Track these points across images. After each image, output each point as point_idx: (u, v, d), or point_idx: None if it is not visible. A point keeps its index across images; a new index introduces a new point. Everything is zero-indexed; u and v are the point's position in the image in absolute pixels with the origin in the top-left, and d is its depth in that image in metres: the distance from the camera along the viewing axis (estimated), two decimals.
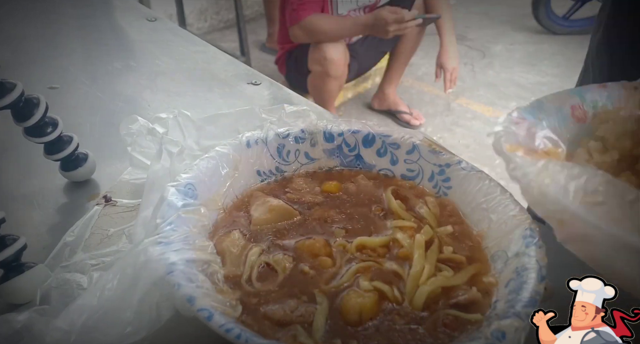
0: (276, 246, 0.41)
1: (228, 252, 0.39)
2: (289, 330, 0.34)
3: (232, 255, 0.39)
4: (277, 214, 0.43)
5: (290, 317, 0.35)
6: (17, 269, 0.41)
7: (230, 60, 0.86)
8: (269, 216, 0.43)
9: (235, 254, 0.39)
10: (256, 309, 0.35)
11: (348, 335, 0.34)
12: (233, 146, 0.46)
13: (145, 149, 0.53)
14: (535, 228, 0.38)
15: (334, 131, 0.49)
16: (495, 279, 0.38)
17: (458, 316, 0.35)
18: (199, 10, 3.08)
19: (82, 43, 0.91)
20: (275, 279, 0.38)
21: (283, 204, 0.44)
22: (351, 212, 0.45)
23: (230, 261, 0.39)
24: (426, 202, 0.45)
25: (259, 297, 0.36)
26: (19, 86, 0.47)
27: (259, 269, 0.39)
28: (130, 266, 0.34)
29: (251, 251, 0.40)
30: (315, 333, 0.34)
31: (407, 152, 0.48)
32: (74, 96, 0.73)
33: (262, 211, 0.43)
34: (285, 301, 0.36)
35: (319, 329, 0.34)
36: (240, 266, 0.39)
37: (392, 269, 0.39)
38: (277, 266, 0.39)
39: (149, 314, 0.34)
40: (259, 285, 0.38)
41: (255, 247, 0.40)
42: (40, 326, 0.34)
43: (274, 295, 0.37)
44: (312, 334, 0.34)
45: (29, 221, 0.51)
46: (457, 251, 0.41)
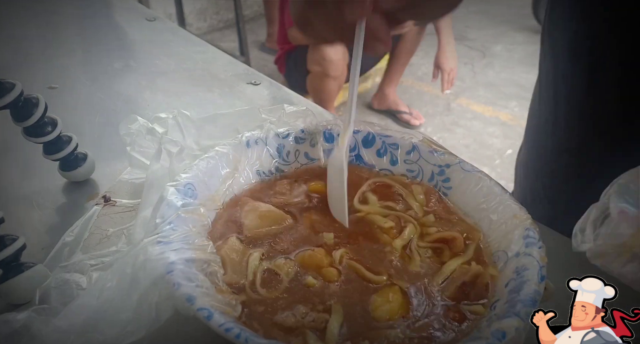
0: (275, 251, 0.40)
1: (228, 259, 0.39)
2: (299, 335, 0.33)
3: (232, 262, 0.39)
4: (269, 219, 0.42)
5: (301, 323, 0.34)
6: (16, 269, 0.41)
7: (230, 60, 0.86)
8: (260, 222, 0.42)
9: (236, 260, 0.39)
10: (264, 317, 0.35)
11: (359, 337, 0.34)
12: (233, 146, 0.45)
13: (145, 149, 0.53)
14: (536, 228, 0.38)
15: (334, 131, 0.49)
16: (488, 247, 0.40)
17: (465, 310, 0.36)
18: (199, 10, 3.08)
19: (82, 43, 0.91)
20: (279, 284, 0.37)
21: (273, 209, 0.43)
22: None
23: (231, 268, 0.38)
24: (412, 192, 0.45)
25: (265, 305, 0.36)
26: (18, 85, 0.47)
27: (262, 276, 0.38)
28: (130, 265, 0.34)
29: (252, 257, 0.39)
30: (329, 340, 0.33)
31: (407, 152, 0.48)
32: (73, 95, 0.73)
33: (252, 217, 0.42)
34: (294, 307, 0.35)
35: (333, 335, 0.33)
36: (241, 272, 0.38)
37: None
38: (280, 271, 0.38)
39: (149, 313, 0.34)
40: (264, 291, 0.37)
41: (255, 253, 0.39)
42: (40, 326, 0.33)
43: (281, 302, 0.36)
44: (325, 341, 0.33)
45: (28, 221, 0.51)
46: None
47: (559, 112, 0.63)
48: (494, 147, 2.16)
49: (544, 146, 0.67)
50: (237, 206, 0.43)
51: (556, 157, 0.65)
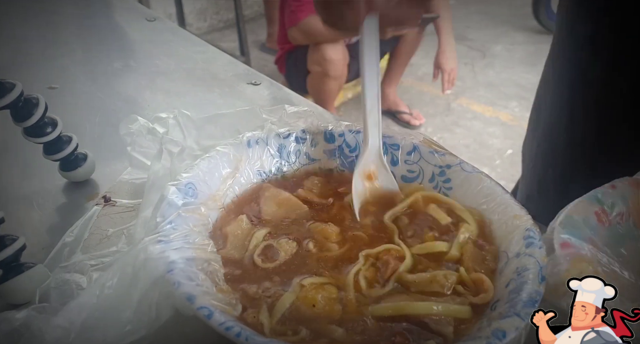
0: (282, 233, 0.42)
1: (231, 235, 0.41)
2: (256, 307, 0.35)
3: (235, 238, 0.41)
4: (286, 206, 0.44)
5: (259, 296, 0.36)
6: (16, 270, 0.41)
7: (230, 60, 0.86)
8: (277, 208, 0.44)
9: (239, 237, 0.41)
10: (236, 280, 0.38)
11: (305, 323, 0.35)
12: (234, 146, 0.46)
13: (145, 149, 0.53)
14: (536, 229, 0.38)
15: (334, 132, 0.49)
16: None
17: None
18: (199, 10, 3.08)
19: (82, 43, 0.90)
20: (274, 259, 0.40)
21: (292, 197, 0.45)
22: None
23: (231, 243, 0.40)
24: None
25: (242, 269, 0.39)
26: (19, 85, 0.47)
27: (262, 249, 0.40)
28: (130, 264, 0.34)
29: (258, 233, 0.41)
30: (274, 314, 0.35)
31: (408, 153, 0.48)
32: (73, 96, 0.73)
33: (271, 203, 0.44)
34: (262, 282, 0.38)
35: (279, 311, 0.35)
36: (241, 248, 0.40)
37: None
38: (280, 248, 0.40)
39: (149, 312, 0.34)
40: (259, 261, 0.39)
41: (262, 230, 0.42)
42: (40, 324, 0.33)
43: (259, 274, 0.38)
44: (271, 315, 0.35)
45: (28, 221, 0.51)
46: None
47: (576, 105, 0.63)
48: (494, 148, 2.16)
49: (557, 138, 0.66)
50: (259, 191, 0.46)
51: (571, 149, 0.64)
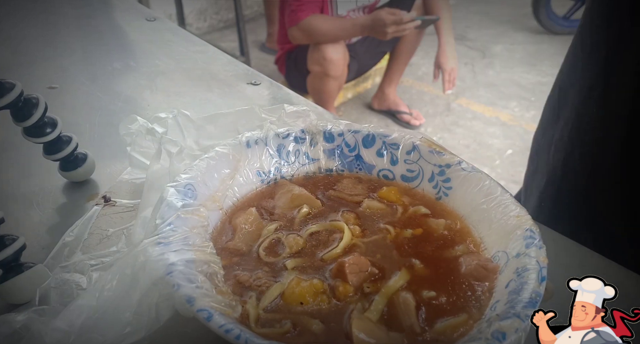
0: (291, 229, 0.43)
1: (239, 228, 0.42)
2: (246, 296, 0.36)
3: (243, 231, 0.42)
4: (300, 202, 0.45)
5: (250, 283, 0.37)
6: (16, 270, 0.41)
7: (230, 60, 0.86)
8: (290, 203, 0.45)
9: (248, 230, 0.42)
10: (231, 267, 0.39)
11: (293, 315, 0.35)
12: (233, 146, 0.45)
13: (145, 149, 0.53)
14: (536, 229, 0.38)
15: (334, 131, 0.49)
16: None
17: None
18: (199, 10, 3.08)
19: (82, 43, 0.90)
20: (279, 254, 0.40)
21: (306, 193, 0.45)
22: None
23: (238, 237, 0.41)
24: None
25: (240, 257, 0.40)
26: (18, 85, 0.47)
27: (270, 242, 0.41)
28: (130, 266, 0.34)
29: (269, 226, 0.42)
30: (262, 302, 0.36)
31: (407, 152, 0.48)
32: (73, 96, 0.73)
33: (285, 198, 0.45)
34: (255, 271, 0.38)
35: (267, 299, 0.36)
36: (249, 241, 0.41)
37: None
38: (287, 242, 0.41)
39: (148, 314, 0.34)
40: (263, 254, 0.40)
41: (273, 224, 0.42)
42: (40, 326, 0.33)
43: (254, 263, 0.39)
44: (259, 303, 0.36)
45: (28, 221, 0.51)
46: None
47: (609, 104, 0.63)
48: (494, 148, 2.16)
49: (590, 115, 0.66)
50: (276, 188, 0.47)
51: (607, 126, 0.64)
